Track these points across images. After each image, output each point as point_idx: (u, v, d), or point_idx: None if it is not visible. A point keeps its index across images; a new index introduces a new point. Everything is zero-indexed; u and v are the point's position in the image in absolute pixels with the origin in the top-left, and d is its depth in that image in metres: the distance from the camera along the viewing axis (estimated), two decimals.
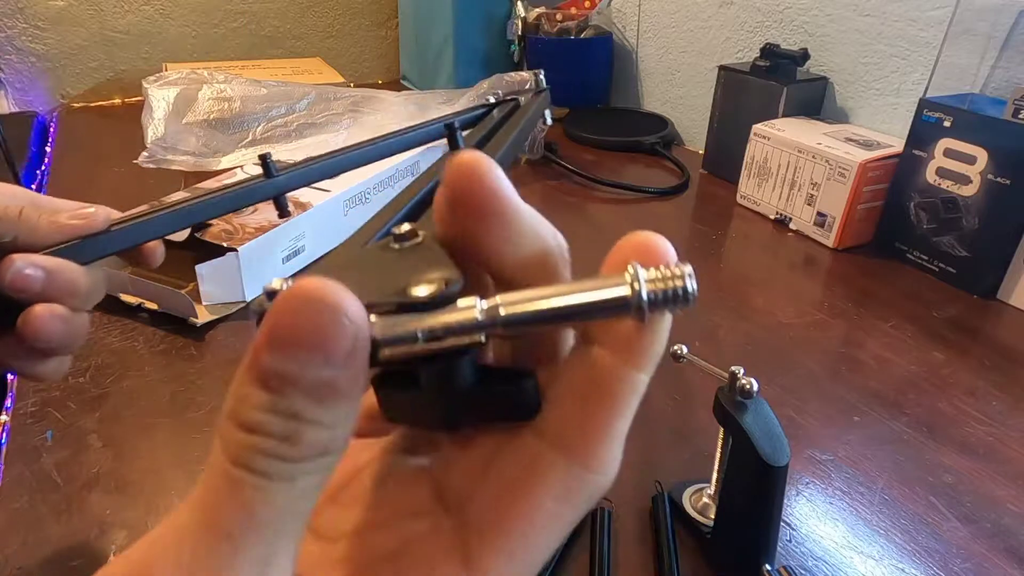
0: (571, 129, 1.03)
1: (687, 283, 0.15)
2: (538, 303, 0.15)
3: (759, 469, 0.32)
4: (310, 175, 0.39)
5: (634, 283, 0.15)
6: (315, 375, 0.13)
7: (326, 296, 0.13)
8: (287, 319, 0.13)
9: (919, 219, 0.67)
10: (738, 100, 0.85)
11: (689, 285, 0.15)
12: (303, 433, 0.13)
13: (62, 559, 0.36)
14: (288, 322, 0.13)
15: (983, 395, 0.50)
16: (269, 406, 0.13)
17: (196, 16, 1.22)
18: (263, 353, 0.13)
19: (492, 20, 1.14)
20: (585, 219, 0.77)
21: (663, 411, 0.47)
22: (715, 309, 0.60)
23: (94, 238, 0.32)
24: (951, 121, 0.62)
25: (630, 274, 0.15)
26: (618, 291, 0.15)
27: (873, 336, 0.57)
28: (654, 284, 0.15)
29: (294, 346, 0.13)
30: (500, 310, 0.15)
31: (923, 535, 0.38)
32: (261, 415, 0.14)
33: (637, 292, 0.15)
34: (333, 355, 0.13)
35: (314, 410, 0.14)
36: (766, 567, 0.34)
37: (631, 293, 0.15)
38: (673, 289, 0.15)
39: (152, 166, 0.83)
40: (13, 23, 1.10)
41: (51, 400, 0.47)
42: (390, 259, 0.18)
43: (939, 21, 0.70)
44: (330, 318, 0.13)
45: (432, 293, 0.15)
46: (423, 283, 0.15)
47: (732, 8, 0.93)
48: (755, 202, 0.80)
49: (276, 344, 0.13)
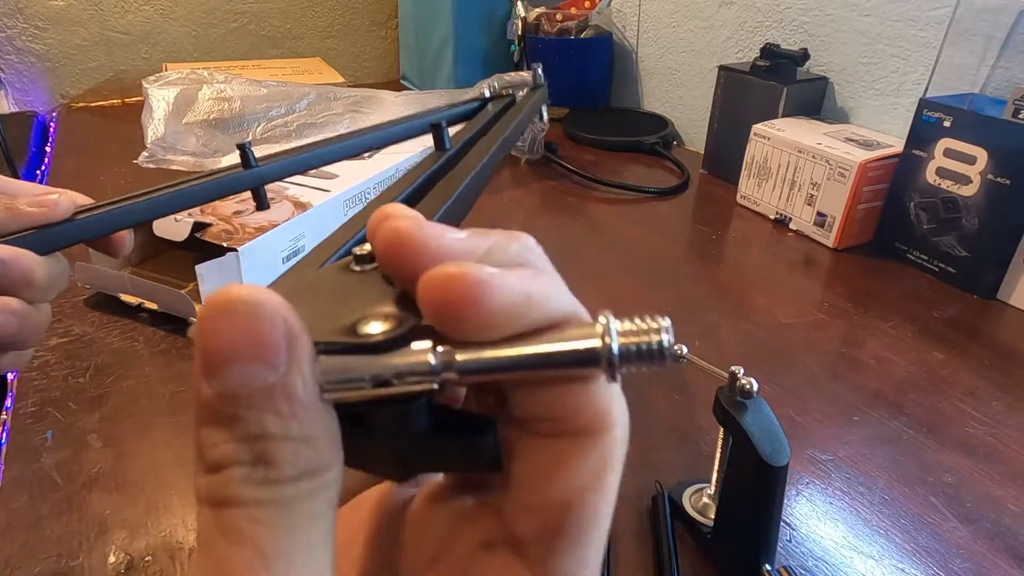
0: (571, 129, 1.03)
1: (663, 338, 0.14)
2: (498, 351, 0.14)
3: (759, 469, 0.32)
4: (290, 167, 0.37)
5: (605, 336, 0.14)
6: (260, 384, 0.12)
7: (238, 298, 0.13)
8: (210, 338, 0.12)
9: (919, 219, 0.67)
10: (738, 100, 0.85)
11: (665, 340, 0.14)
12: (276, 451, 0.12)
13: (62, 559, 0.36)
14: (211, 341, 0.12)
15: (983, 395, 0.50)
16: (229, 437, 0.12)
17: (196, 16, 1.22)
18: (202, 384, 0.13)
19: (492, 20, 1.14)
20: (585, 219, 0.77)
21: (663, 411, 0.47)
22: (715, 309, 0.60)
23: (58, 226, 0.30)
24: (951, 121, 0.62)
25: (602, 324, 0.14)
26: (587, 343, 0.14)
27: (873, 336, 0.57)
28: (627, 337, 0.14)
29: (226, 362, 0.12)
30: (456, 356, 0.14)
31: (923, 535, 0.38)
32: (225, 449, 0.12)
33: (608, 345, 0.14)
34: (267, 355, 0.12)
35: (277, 424, 0.12)
36: (766, 567, 0.34)
37: (602, 346, 0.14)
38: (648, 344, 0.14)
39: (152, 166, 0.83)
40: (13, 23, 1.10)
41: (51, 400, 0.47)
42: (346, 284, 0.16)
43: (939, 21, 0.70)
44: (250, 320, 0.12)
45: (384, 332, 0.14)
46: (376, 319, 0.14)
47: (732, 8, 0.93)
48: (755, 202, 0.80)
49: (208, 367, 0.12)
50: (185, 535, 0.37)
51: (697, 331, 0.57)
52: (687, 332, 0.56)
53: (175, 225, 0.57)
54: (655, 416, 0.47)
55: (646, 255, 0.69)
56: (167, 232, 0.57)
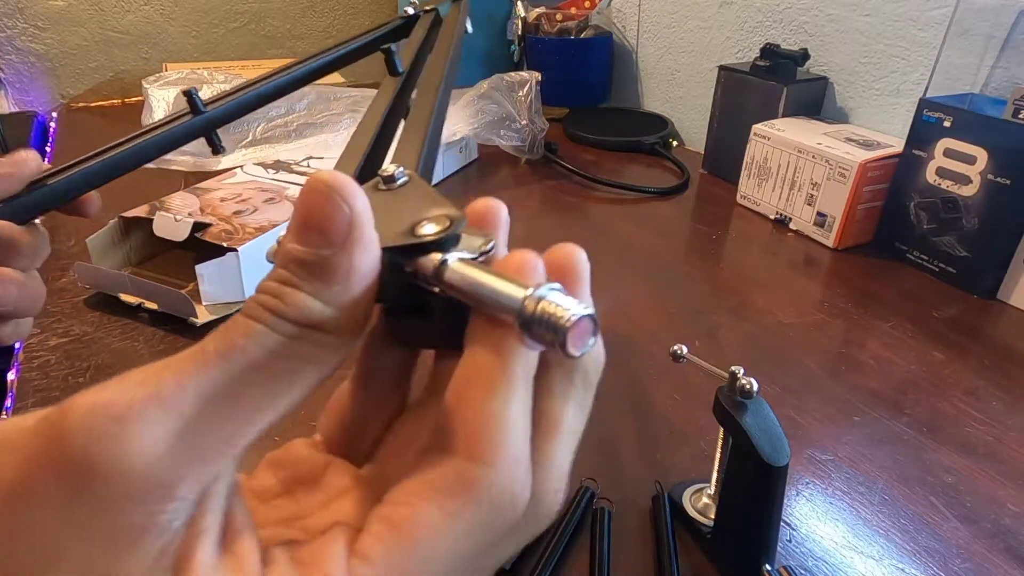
0: (571, 129, 1.03)
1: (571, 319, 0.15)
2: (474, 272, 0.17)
3: (759, 469, 0.32)
4: (242, 105, 0.36)
5: (528, 299, 0.16)
6: (315, 253, 0.15)
7: (328, 184, 0.16)
8: (299, 209, 0.16)
9: (919, 219, 0.67)
10: (738, 100, 0.85)
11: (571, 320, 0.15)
12: (293, 295, 0.15)
13: None
14: (299, 212, 0.16)
15: (983, 395, 0.50)
16: (275, 276, 0.16)
17: (196, 16, 1.22)
18: (285, 242, 0.16)
19: (492, 20, 1.14)
20: (585, 219, 0.77)
21: (663, 411, 0.47)
22: (715, 309, 0.60)
23: (27, 195, 0.30)
24: (951, 121, 0.62)
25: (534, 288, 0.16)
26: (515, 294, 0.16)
27: (873, 336, 0.57)
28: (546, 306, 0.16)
29: (302, 228, 0.16)
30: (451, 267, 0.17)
31: (923, 535, 0.38)
32: (267, 282, 0.16)
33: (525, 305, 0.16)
34: (330, 234, 0.15)
35: (309, 282, 0.15)
36: (766, 567, 0.34)
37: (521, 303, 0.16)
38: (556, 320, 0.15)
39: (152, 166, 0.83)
40: (13, 23, 1.10)
41: (51, 400, 0.47)
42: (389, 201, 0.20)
43: (939, 21, 0.70)
44: (330, 203, 0.15)
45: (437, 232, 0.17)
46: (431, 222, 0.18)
47: (732, 8, 0.93)
48: (755, 202, 0.80)
49: (292, 231, 0.16)
50: None
51: (697, 331, 0.57)
52: (687, 332, 0.56)
53: (175, 225, 0.57)
54: (655, 416, 0.47)
55: (646, 255, 0.69)
56: (167, 232, 0.57)
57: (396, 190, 0.20)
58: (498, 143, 0.87)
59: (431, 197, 0.19)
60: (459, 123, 0.84)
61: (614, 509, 0.39)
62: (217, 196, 0.63)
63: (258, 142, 0.86)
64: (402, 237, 0.18)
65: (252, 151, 0.85)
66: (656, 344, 0.54)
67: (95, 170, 0.32)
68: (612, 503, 0.39)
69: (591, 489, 0.39)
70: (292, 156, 0.79)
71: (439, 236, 0.17)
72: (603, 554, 0.36)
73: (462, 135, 0.83)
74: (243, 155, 0.84)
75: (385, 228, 0.17)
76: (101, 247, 0.58)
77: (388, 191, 0.20)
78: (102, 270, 0.57)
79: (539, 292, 0.16)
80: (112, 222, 0.59)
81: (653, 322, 0.57)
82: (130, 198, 0.60)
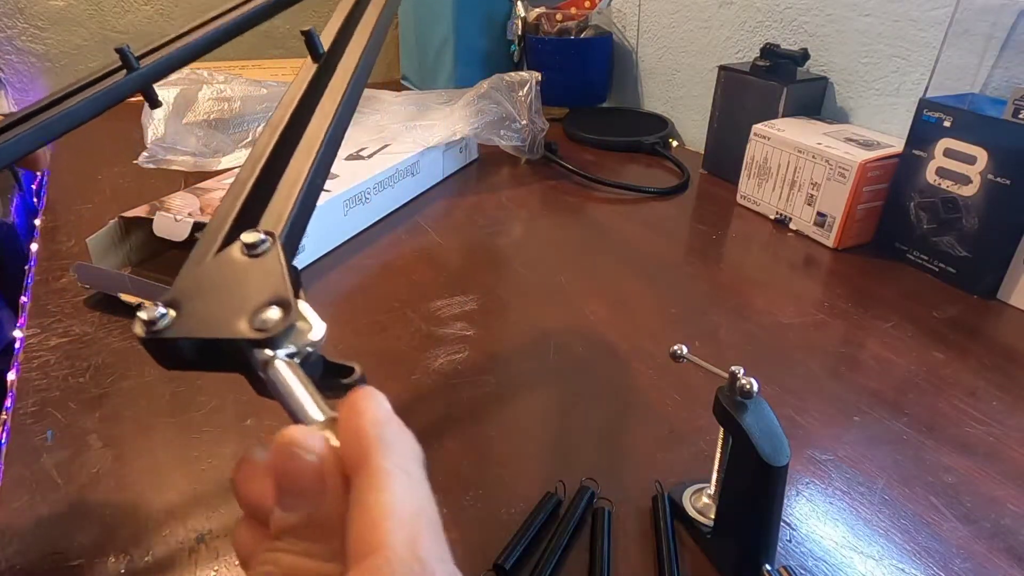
0: (571, 129, 1.03)
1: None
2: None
3: (759, 469, 0.32)
4: (175, 59, 0.35)
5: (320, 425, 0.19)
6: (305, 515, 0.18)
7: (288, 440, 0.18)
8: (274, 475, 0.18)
9: (919, 219, 0.67)
10: (738, 100, 0.85)
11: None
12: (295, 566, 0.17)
13: (62, 559, 0.36)
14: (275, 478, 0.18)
15: (983, 395, 0.50)
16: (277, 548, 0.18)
17: (196, 16, 1.21)
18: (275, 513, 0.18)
19: (492, 20, 1.14)
20: (585, 219, 0.77)
21: (663, 411, 0.47)
22: (715, 309, 0.60)
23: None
24: (951, 121, 0.62)
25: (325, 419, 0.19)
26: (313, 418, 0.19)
27: (873, 336, 0.57)
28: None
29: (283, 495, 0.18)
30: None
31: (923, 535, 0.38)
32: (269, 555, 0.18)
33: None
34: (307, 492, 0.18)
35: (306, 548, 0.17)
36: (766, 567, 0.34)
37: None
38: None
39: (152, 166, 0.83)
40: (13, 23, 1.10)
41: (51, 400, 0.47)
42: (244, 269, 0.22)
43: (939, 21, 0.70)
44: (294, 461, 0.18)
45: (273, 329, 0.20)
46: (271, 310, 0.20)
47: (732, 8, 0.93)
48: (755, 202, 0.80)
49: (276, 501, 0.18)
50: (185, 535, 0.37)
51: (697, 331, 0.57)
52: (687, 332, 0.56)
53: (175, 225, 0.57)
54: (655, 416, 0.47)
55: (646, 255, 0.69)
56: (167, 232, 0.57)
57: (254, 258, 0.22)
58: (498, 143, 0.87)
59: (278, 277, 0.21)
60: (459, 123, 0.84)
61: (614, 509, 0.39)
62: (217, 196, 0.63)
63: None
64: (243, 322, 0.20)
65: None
66: (656, 344, 0.54)
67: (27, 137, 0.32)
68: (612, 503, 0.39)
69: (591, 489, 0.39)
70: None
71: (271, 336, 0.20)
72: (603, 554, 0.36)
73: (462, 135, 0.83)
74: (243, 155, 0.84)
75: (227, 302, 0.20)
76: (101, 247, 0.58)
77: (248, 257, 0.22)
78: (102, 270, 0.57)
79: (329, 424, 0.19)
80: (112, 222, 0.59)
81: (653, 322, 0.57)
82: (130, 198, 0.60)
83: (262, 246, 0.22)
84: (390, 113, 0.92)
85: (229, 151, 0.85)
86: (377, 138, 0.83)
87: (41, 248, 0.67)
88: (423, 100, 0.96)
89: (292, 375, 0.19)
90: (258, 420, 0.45)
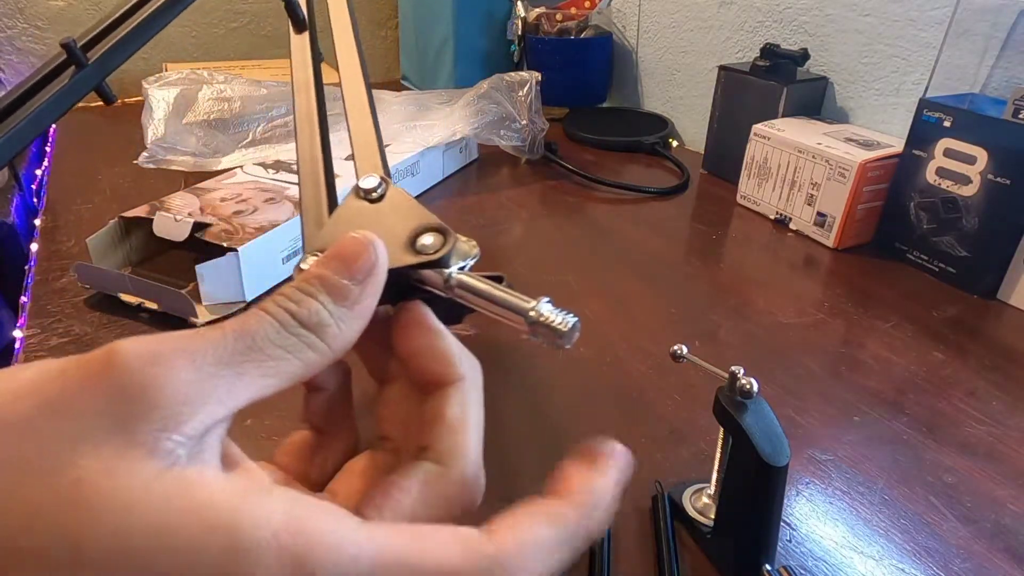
0: (571, 129, 1.03)
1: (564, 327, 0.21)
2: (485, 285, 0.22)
3: (759, 469, 0.32)
4: (126, 47, 0.33)
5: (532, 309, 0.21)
6: (337, 280, 0.20)
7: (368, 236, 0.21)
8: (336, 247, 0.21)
9: (919, 219, 0.67)
10: (738, 100, 0.85)
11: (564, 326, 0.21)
12: (308, 301, 0.20)
13: None
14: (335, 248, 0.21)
15: (983, 395, 0.50)
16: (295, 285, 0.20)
17: (196, 16, 1.22)
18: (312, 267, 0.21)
19: (492, 20, 1.14)
20: (585, 219, 0.77)
21: (663, 411, 0.47)
22: (715, 309, 0.60)
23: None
24: (951, 121, 0.62)
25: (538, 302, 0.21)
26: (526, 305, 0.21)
27: (873, 336, 0.57)
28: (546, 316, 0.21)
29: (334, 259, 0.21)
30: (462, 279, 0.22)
31: (923, 535, 0.38)
32: (288, 288, 0.20)
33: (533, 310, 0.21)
34: (355, 270, 0.20)
35: (324, 295, 0.20)
36: (766, 567, 0.34)
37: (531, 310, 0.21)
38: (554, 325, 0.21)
39: (152, 166, 0.83)
40: (13, 23, 1.10)
41: None
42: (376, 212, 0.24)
43: (939, 21, 0.70)
44: (363, 248, 0.21)
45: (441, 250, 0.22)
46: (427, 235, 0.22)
47: (732, 8, 0.93)
48: (755, 202, 0.80)
49: (323, 260, 0.21)
50: None
51: (697, 331, 0.57)
52: (687, 332, 0.56)
53: (175, 225, 0.57)
54: (655, 416, 0.47)
55: (646, 255, 0.69)
56: (167, 232, 0.57)
57: (378, 201, 0.24)
58: (498, 143, 0.87)
59: (413, 207, 0.23)
60: (459, 123, 0.84)
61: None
62: (217, 196, 0.63)
63: (258, 142, 0.86)
64: (406, 253, 0.22)
65: (252, 151, 0.84)
66: (656, 344, 0.54)
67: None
68: None
69: None
70: (292, 156, 0.79)
71: (440, 255, 0.22)
72: (603, 554, 0.36)
73: (462, 135, 0.83)
74: (243, 155, 0.84)
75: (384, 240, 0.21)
76: (101, 247, 0.58)
77: (370, 202, 0.24)
78: (102, 270, 0.57)
79: (539, 306, 0.21)
80: (112, 222, 0.59)
81: (653, 322, 0.57)
82: (130, 198, 0.60)
83: (380, 188, 0.24)
84: (390, 113, 0.92)
85: (229, 151, 0.85)
86: None
87: (41, 248, 0.67)
88: (423, 100, 0.96)
89: (479, 281, 0.21)
90: (258, 420, 0.45)
